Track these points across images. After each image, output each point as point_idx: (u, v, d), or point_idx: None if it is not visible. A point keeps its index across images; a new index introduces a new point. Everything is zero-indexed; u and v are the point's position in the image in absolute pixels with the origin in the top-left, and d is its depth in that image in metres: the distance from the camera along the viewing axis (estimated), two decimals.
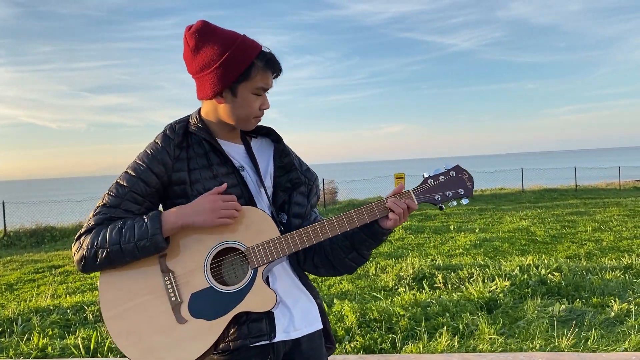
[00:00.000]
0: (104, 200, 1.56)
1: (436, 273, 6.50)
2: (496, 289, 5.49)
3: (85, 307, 5.56)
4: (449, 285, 6.08)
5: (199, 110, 1.67)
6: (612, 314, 4.61)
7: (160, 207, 1.63)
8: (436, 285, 6.21)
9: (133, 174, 1.55)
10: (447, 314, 4.64)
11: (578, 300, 5.13)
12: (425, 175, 1.62)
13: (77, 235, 1.56)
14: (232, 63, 1.53)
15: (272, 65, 1.60)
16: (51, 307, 5.68)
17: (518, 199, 21.06)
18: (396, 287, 6.44)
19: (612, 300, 4.96)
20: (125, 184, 1.55)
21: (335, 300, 5.33)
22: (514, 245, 10.38)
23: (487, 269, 6.34)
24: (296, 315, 1.63)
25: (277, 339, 1.57)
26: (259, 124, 1.70)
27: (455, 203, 1.63)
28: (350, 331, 4.36)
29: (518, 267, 6.26)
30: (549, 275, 5.88)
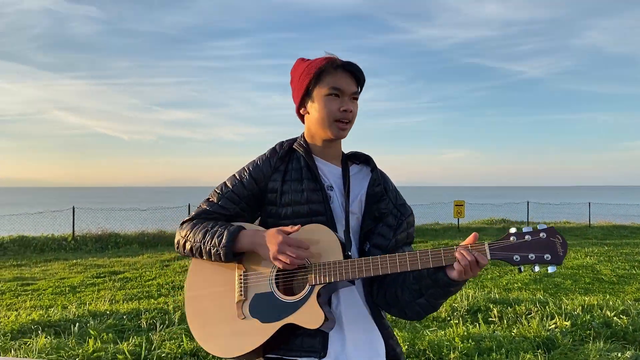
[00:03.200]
0: (210, 195, 1.77)
1: (492, 307, 6.26)
2: (555, 328, 5.22)
3: (141, 314, 5.72)
4: (505, 321, 5.84)
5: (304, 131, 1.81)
6: None
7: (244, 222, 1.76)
8: (491, 319, 5.97)
9: (237, 177, 1.75)
10: (502, 351, 4.45)
11: None
12: (511, 231, 1.49)
13: (181, 222, 1.78)
14: (306, 72, 1.70)
15: (344, 66, 1.68)
16: (108, 312, 5.89)
17: (584, 234, 20.08)
18: (449, 318, 6.25)
19: None
20: (229, 185, 1.74)
21: None
22: (577, 283, 9.88)
23: (546, 306, 6.05)
24: (351, 344, 1.61)
25: None
26: (360, 150, 1.80)
27: (538, 268, 1.46)
28: None
29: (580, 307, 5.94)
30: (615, 318, 5.54)
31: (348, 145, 1.83)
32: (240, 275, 1.65)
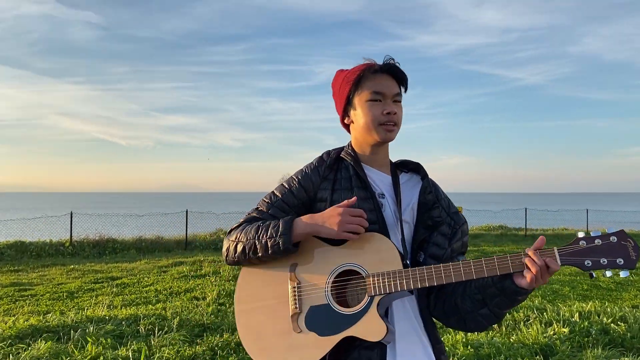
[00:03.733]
0: (258, 204, 1.73)
1: None
2: (553, 334, 5.23)
3: (139, 319, 5.71)
4: (504, 327, 5.85)
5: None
6: None
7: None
8: None
9: (286, 186, 1.71)
10: (501, 357, 4.46)
11: None
12: (580, 236, 1.45)
13: (229, 230, 1.72)
14: (346, 81, 1.70)
15: (383, 69, 1.66)
16: (107, 317, 5.88)
17: None
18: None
19: None
20: (278, 194, 1.71)
21: None
22: (574, 290, 9.89)
23: (544, 313, 6.07)
24: (403, 358, 1.56)
25: None
26: (408, 159, 1.78)
27: (610, 273, 1.42)
28: None
29: (578, 313, 5.95)
30: (613, 324, 5.55)
31: None
32: (294, 287, 1.60)
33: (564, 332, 5.27)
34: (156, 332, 5.24)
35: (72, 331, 5.17)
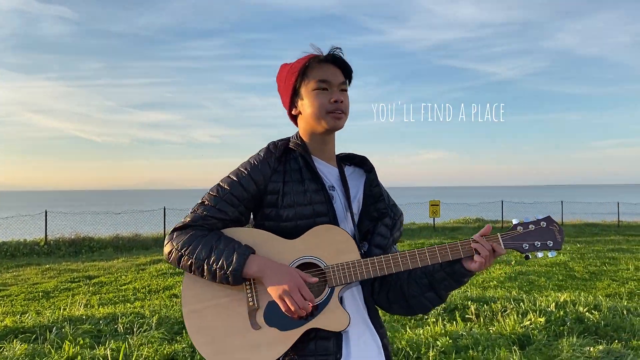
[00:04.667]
0: (203, 199, 1.65)
1: (469, 304, 6.35)
2: (530, 324, 5.33)
3: (117, 318, 5.64)
4: (482, 318, 5.93)
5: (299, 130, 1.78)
6: None
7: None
8: (468, 317, 6.06)
9: (235, 178, 1.65)
10: (479, 348, 4.52)
11: (617, 341, 4.92)
12: (515, 222, 1.62)
13: (172, 229, 1.65)
14: (291, 72, 1.69)
15: (328, 59, 1.67)
16: (84, 317, 5.79)
17: None
18: (427, 317, 6.32)
19: None
20: (226, 187, 1.64)
21: None
22: (550, 280, 10.07)
23: (521, 303, 6.16)
24: (354, 347, 1.60)
25: None
26: (354, 152, 1.79)
27: (541, 254, 1.60)
28: None
29: (554, 303, 6.06)
30: (587, 313, 5.67)
31: None
32: (249, 282, 1.56)
33: (541, 321, 5.36)
34: (135, 330, 5.18)
35: (48, 331, 5.08)
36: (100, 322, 5.58)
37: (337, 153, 1.81)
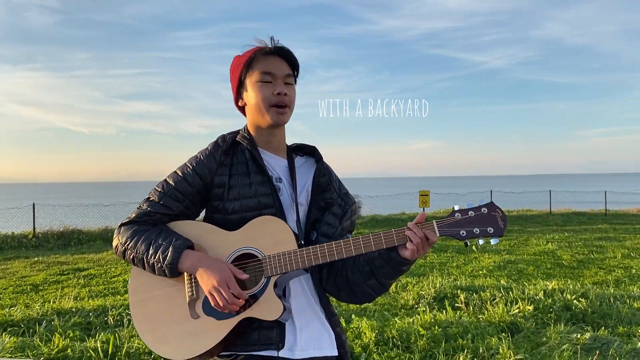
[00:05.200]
0: (150, 194, 1.69)
1: (458, 293, 6.40)
2: (518, 312, 5.38)
3: (107, 310, 5.63)
4: (471, 307, 5.98)
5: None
6: (639, 344, 4.47)
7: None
8: (457, 305, 6.11)
9: (180, 173, 1.67)
10: (468, 336, 4.56)
11: (604, 328, 4.99)
12: (455, 208, 1.58)
13: (120, 223, 1.69)
14: (238, 64, 1.71)
15: (273, 51, 1.67)
16: (74, 310, 5.77)
17: (545, 221, 20.66)
18: (416, 306, 6.36)
19: None
20: (171, 182, 1.67)
21: (353, 317, 5.29)
22: (539, 269, 10.18)
23: (510, 292, 6.22)
24: (303, 336, 1.62)
25: (281, 354, 1.58)
26: (304, 142, 1.80)
27: (482, 241, 1.56)
28: (367, 349, 4.31)
29: (542, 291, 6.12)
30: (574, 301, 5.74)
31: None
32: (189, 273, 1.60)
33: (529, 309, 5.42)
34: (125, 322, 5.17)
35: (37, 324, 5.06)
36: (90, 314, 5.57)
37: (290, 144, 1.82)
